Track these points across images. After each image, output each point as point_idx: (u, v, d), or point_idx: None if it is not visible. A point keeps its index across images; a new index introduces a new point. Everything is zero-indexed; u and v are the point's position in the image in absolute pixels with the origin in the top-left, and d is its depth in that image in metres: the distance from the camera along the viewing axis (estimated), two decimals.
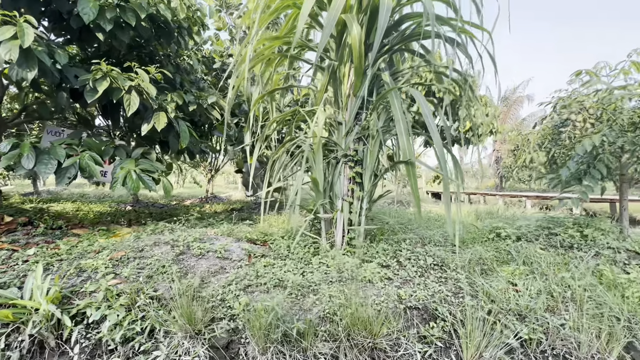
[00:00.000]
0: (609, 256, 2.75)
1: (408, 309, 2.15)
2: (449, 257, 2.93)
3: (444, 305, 2.16)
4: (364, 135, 3.35)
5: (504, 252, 2.99)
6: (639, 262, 2.66)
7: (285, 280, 2.34)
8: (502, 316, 2.12)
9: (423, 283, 2.43)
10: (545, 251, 2.94)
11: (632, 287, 2.25)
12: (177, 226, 3.49)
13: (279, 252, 3.01)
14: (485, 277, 2.60)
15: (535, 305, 2.19)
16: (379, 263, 2.84)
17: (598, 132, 2.84)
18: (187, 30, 4.40)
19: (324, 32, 2.40)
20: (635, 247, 2.85)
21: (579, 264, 2.62)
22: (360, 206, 3.33)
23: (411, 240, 3.55)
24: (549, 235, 3.22)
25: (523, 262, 2.76)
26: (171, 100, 3.43)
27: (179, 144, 3.61)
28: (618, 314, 2.10)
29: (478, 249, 3.04)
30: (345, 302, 2.08)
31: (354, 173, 3.28)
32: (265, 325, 1.86)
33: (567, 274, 2.44)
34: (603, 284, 2.39)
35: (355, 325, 1.98)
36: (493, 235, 3.47)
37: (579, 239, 3.00)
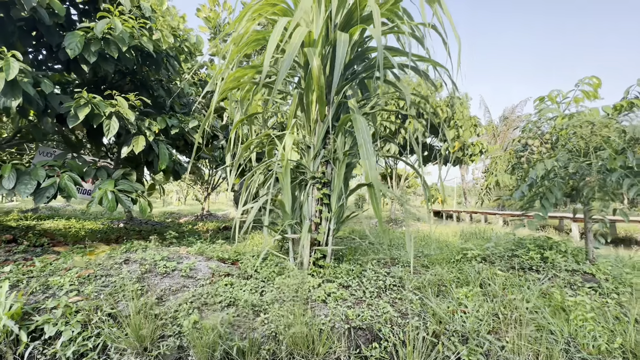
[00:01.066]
0: (565, 279, 2.79)
1: (353, 329, 2.21)
2: (409, 278, 2.99)
3: (388, 326, 2.22)
4: (332, 158, 3.50)
5: (465, 273, 3.04)
6: (593, 285, 2.70)
7: (240, 299, 2.43)
8: (446, 337, 2.18)
9: (375, 304, 2.50)
10: (505, 273, 2.99)
11: (576, 310, 2.29)
12: (152, 244, 3.61)
13: (245, 272, 3.10)
14: (439, 298, 2.66)
15: (479, 327, 2.24)
16: (341, 283, 2.91)
17: (553, 157, 2.95)
18: (175, 59, 4.68)
19: (282, 65, 2.59)
20: (592, 270, 2.89)
21: (531, 286, 2.67)
22: (328, 227, 3.44)
23: (380, 260, 3.62)
24: (511, 256, 3.27)
25: (480, 284, 2.81)
26: (149, 124, 3.64)
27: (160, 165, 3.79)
28: (558, 336, 2.14)
29: (439, 270, 3.10)
30: (292, 321, 2.16)
31: (321, 194, 3.41)
32: (208, 343, 1.94)
33: (518, 296, 2.50)
34: (551, 306, 2.43)
35: (298, 344, 2.05)
36: (460, 256, 3.53)
37: (539, 261, 3.05)
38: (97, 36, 3.16)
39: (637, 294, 2.57)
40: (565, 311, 2.37)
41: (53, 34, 3.34)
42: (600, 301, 2.53)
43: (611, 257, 4.04)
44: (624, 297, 2.55)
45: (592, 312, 2.27)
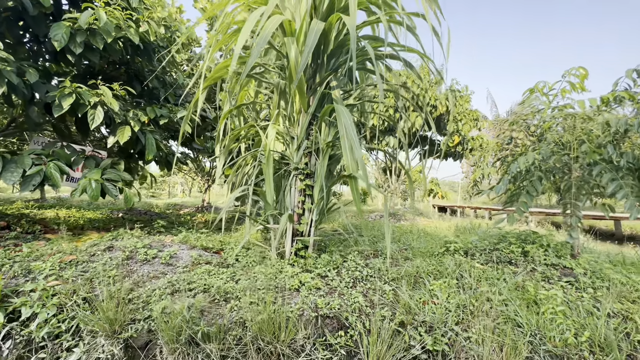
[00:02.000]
0: (542, 272, 2.77)
1: (321, 317, 2.23)
2: (387, 269, 2.99)
3: (356, 315, 2.24)
4: (315, 150, 3.50)
5: (445, 266, 3.03)
6: (570, 279, 2.67)
7: (213, 287, 2.47)
8: (412, 327, 2.19)
9: (348, 293, 2.52)
10: (483, 266, 2.98)
11: (548, 304, 2.28)
12: (137, 233, 3.68)
13: (225, 260, 3.15)
14: (414, 289, 2.66)
15: (447, 318, 2.24)
16: (319, 273, 2.93)
17: (537, 150, 2.90)
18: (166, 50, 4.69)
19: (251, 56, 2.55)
20: (572, 264, 2.85)
21: (507, 279, 2.65)
22: (310, 218, 3.45)
23: (362, 252, 3.63)
24: (492, 250, 3.25)
25: (457, 276, 2.80)
26: (134, 114, 3.67)
27: (147, 156, 3.83)
28: (526, 329, 2.14)
29: (419, 262, 3.10)
30: (261, 309, 2.19)
31: (304, 185, 3.42)
32: (174, 327, 1.99)
33: (491, 289, 2.49)
34: (524, 299, 2.42)
35: (264, 331, 2.08)
36: (443, 249, 3.52)
37: (519, 255, 3.03)
38: (82, 27, 3.18)
39: (613, 289, 2.54)
40: (538, 304, 2.35)
41: (39, 24, 3.38)
42: (575, 295, 2.51)
43: (599, 253, 3.99)
44: (600, 291, 2.52)
45: (563, 306, 2.25)
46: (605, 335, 2.09)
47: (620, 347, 2.07)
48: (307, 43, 2.53)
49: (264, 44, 2.59)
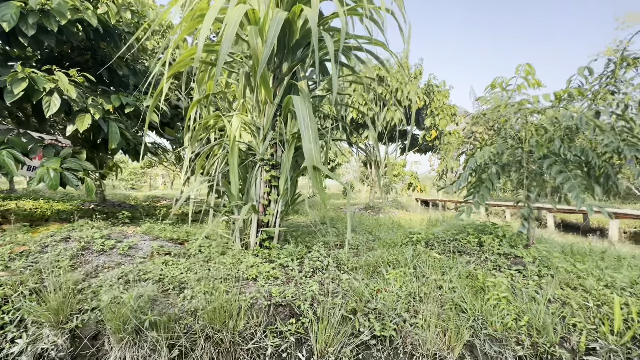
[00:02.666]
0: (494, 261, 2.88)
1: (274, 306, 2.26)
2: (349, 259, 3.05)
3: (308, 303, 2.28)
4: (281, 141, 3.49)
5: (405, 255, 3.11)
6: (519, 267, 2.79)
7: (167, 277, 2.45)
8: (363, 314, 2.25)
9: (305, 282, 2.55)
10: (440, 255, 3.07)
11: (493, 290, 2.38)
12: (99, 223, 3.60)
13: (189, 251, 3.13)
14: (372, 278, 2.73)
15: (397, 305, 2.31)
16: (280, 263, 2.95)
17: (493, 145, 2.99)
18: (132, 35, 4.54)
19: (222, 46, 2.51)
20: (523, 254, 2.98)
21: (460, 268, 2.75)
22: (276, 209, 3.46)
23: (329, 243, 3.67)
24: (452, 240, 3.35)
25: (415, 265, 2.88)
26: (94, 101, 3.56)
27: (109, 145, 3.73)
28: (470, 314, 2.23)
29: (381, 252, 3.16)
30: (214, 298, 2.20)
31: (269, 176, 3.42)
32: (121, 317, 1.97)
33: (444, 277, 2.58)
34: (474, 287, 2.51)
35: (215, 319, 2.09)
36: (407, 240, 3.60)
37: (475, 245, 3.14)
38: (33, 8, 3.04)
39: (558, 277, 2.68)
40: (485, 291, 2.46)
41: None
42: (522, 282, 2.63)
43: (555, 243, 4.18)
44: (545, 279, 2.65)
45: (507, 292, 2.36)
46: (543, 319, 2.21)
47: (555, 329, 2.19)
48: (270, 32, 2.50)
49: (233, 33, 2.55)
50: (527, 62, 2.80)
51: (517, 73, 2.89)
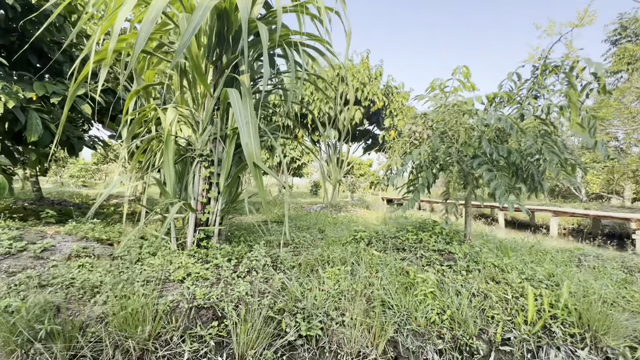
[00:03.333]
0: (428, 258, 2.96)
1: (196, 309, 2.15)
2: (288, 258, 2.99)
3: (234, 304, 2.19)
4: (222, 136, 3.36)
5: (345, 253, 3.11)
6: (451, 263, 2.89)
7: (80, 281, 2.25)
8: (291, 314, 2.19)
9: (235, 283, 2.45)
10: (379, 253, 3.11)
11: (421, 286, 2.43)
12: (10, 223, 3.24)
13: (115, 253, 2.90)
14: (308, 276, 2.69)
15: (327, 303, 2.29)
16: (216, 264, 2.83)
17: (428, 144, 3.07)
18: (66, 19, 4.15)
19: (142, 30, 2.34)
20: (456, 250, 3.10)
21: (396, 264, 2.79)
22: (216, 207, 3.32)
23: (273, 242, 3.59)
24: (393, 238, 3.41)
25: (354, 262, 2.89)
26: (4, 87, 3.19)
27: (28, 137, 3.37)
28: (396, 310, 2.26)
29: (320, 250, 3.14)
30: (131, 302, 2.04)
31: (209, 173, 3.27)
32: (12, 327, 1.76)
33: (377, 274, 2.60)
34: (405, 283, 2.56)
35: (128, 325, 1.93)
36: (351, 238, 3.61)
37: (413, 242, 3.21)
38: None
39: (485, 271, 2.81)
40: (414, 287, 2.51)
41: None
42: (452, 277, 2.72)
43: (493, 239, 4.41)
44: (473, 274, 2.76)
45: (433, 288, 2.42)
46: (465, 313, 2.29)
47: (475, 322, 2.28)
48: (194, 19, 2.36)
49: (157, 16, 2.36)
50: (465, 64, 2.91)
51: (454, 75, 2.99)
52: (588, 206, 14.85)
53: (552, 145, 2.77)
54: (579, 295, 2.52)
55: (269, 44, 3.53)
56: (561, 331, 2.27)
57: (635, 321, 2.36)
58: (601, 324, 2.24)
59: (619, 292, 2.70)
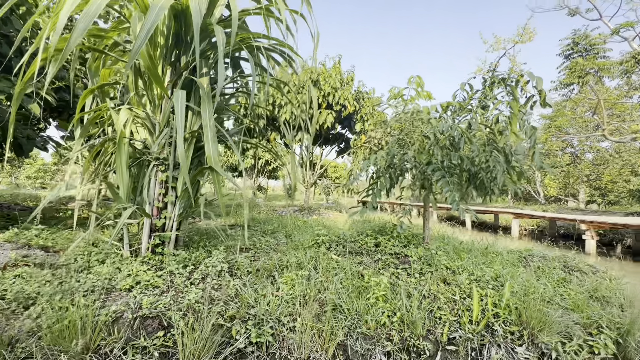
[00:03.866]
0: (385, 261, 3.04)
1: (141, 318, 2.07)
2: (246, 263, 2.96)
3: (182, 313, 2.14)
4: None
5: (305, 257, 3.12)
6: (406, 266, 2.98)
7: (11, 292, 2.10)
8: (241, 321, 2.17)
9: (187, 291, 2.40)
10: (337, 256, 3.15)
11: (374, 289, 2.49)
12: None
13: (60, 261, 2.74)
14: (265, 282, 2.67)
15: (279, 309, 2.29)
16: (171, 271, 2.75)
17: (385, 150, 3.15)
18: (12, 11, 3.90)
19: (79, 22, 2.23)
20: (411, 253, 3.20)
21: (353, 268, 2.84)
22: (174, 212, 3.23)
23: (234, 247, 3.54)
24: (353, 242, 3.47)
25: (311, 268, 2.90)
26: None
27: None
28: (347, 314, 2.30)
29: (279, 255, 3.13)
30: (69, 314, 1.93)
31: (165, 177, 3.18)
32: None
33: (333, 278, 2.63)
34: (360, 286, 2.61)
35: (64, 338, 1.84)
36: (313, 242, 3.63)
37: (371, 246, 3.28)
38: None
39: (437, 273, 2.92)
40: (368, 291, 2.56)
41: None
42: (406, 280, 2.81)
43: (453, 241, 4.60)
44: (425, 276, 2.86)
45: (385, 291, 2.48)
46: (414, 314, 2.37)
47: (424, 323, 2.36)
48: (148, 19, 2.29)
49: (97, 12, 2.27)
50: (418, 74, 3.03)
51: (409, 84, 3.11)
52: (546, 208, 15.84)
53: (497, 154, 2.94)
54: (521, 294, 2.69)
55: (226, 48, 3.51)
56: (502, 329, 2.40)
57: (568, 317, 2.55)
58: (537, 321, 2.40)
59: (557, 290, 2.90)
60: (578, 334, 2.43)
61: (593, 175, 19.51)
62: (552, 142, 15.76)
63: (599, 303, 2.83)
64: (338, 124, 9.43)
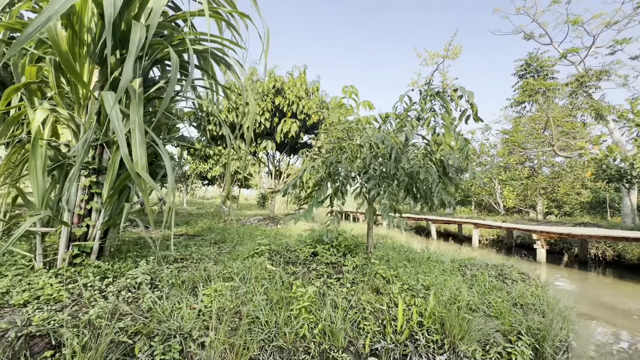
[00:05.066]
0: (319, 271, 2.99)
1: (28, 337, 1.87)
2: (173, 275, 2.80)
3: (78, 329, 1.95)
4: (107, 142, 3.10)
5: (240, 267, 3.00)
6: (340, 276, 2.94)
7: None
8: (147, 338, 2.02)
9: (94, 305, 2.21)
10: (274, 266, 3.06)
11: (299, 300, 2.42)
12: None
13: None
14: (188, 294, 2.52)
15: (193, 324, 2.15)
16: (85, 283, 2.54)
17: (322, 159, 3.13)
18: None
19: None
20: (347, 262, 3.17)
21: (286, 279, 2.76)
22: (97, 220, 3.02)
23: (168, 257, 3.36)
24: (292, 251, 3.40)
25: (241, 278, 2.79)
26: None
27: None
28: (265, 327, 2.21)
29: (211, 265, 3.00)
30: None
31: (89, 182, 2.97)
32: None
33: (261, 289, 2.53)
34: (288, 297, 2.52)
35: None
36: (253, 252, 3.52)
37: (308, 255, 3.23)
38: None
39: (371, 283, 2.90)
40: (293, 302, 2.48)
41: None
42: (338, 290, 2.76)
43: (398, 249, 4.64)
44: (357, 286, 2.83)
45: (309, 302, 2.42)
46: (338, 325, 2.31)
47: (348, 334, 2.31)
48: (47, 10, 2.14)
49: None
50: (352, 84, 3.07)
51: (344, 93, 3.14)
52: (505, 219, 16.58)
53: (431, 164, 3.00)
54: (449, 303, 2.71)
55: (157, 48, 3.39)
56: (425, 339, 2.40)
57: (490, 325, 2.59)
58: (459, 330, 2.42)
59: (484, 298, 2.96)
60: (498, 341, 2.48)
61: (549, 188, 20.77)
62: (509, 157, 16.66)
63: (522, 310, 2.92)
64: (304, 133, 9.43)
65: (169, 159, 2.85)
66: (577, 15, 12.96)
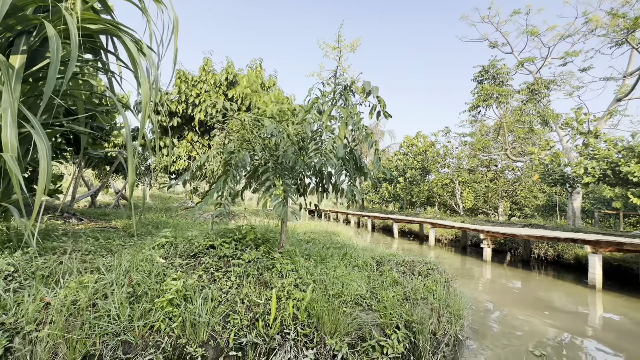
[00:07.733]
0: (215, 264, 2.89)
1: None
2: (48, 266, 2.61)
3: None
4: None
5: (124, 260, 2.84)
6: (229, 269, 2.86)
7: None
8: None
9: None
10: (166, 260, 2.93)
11: (165, 293, 2.31)
12: None
13: None
14: (43, 287, 2.35)
15: (32, 317, 2.00)
16: None
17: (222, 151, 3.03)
18: None
19: None
20: (244, 256, 3.08)
21: (160, 271, 2.64)
22: None
23: (56, 249, 3.14)
24: (193, 244, 3.28)
25: (120, 270, 2.64)
26: None
27: None
28: (117, 321, 2.09)
29: (95, 258, 2.83)
30: None
31: None
32: None
33: (139, 282, 2.40)
34: (159, 290, 2.41)
35: None
36: (157, 244, 3.37)
37: (203, 248, 3.13)
38: None
39: (262, 278, 2.83)
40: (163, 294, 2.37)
41: None
42: (223, 283, 2.68)
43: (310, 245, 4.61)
44: (245, 279, 2.76)
45: (174, 295, 2.31)
46: (202, 319, 2.22)
47: (214, 328, 2.23)
48: None
49: None
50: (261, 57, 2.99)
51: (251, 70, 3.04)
52: (465, 220, 17.15)
53: (332, 157, 2.96)
54: (335, 297, 2.69)
55: None
56: (295, 333, 2.36)
57: (368, 319, 2.59)
58: (331, 324, 2.39)
59: (377, 293, 2.96)
60: (373, 335, 2.47)
61: (511, 190, 21.69)
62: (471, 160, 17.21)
63: (413, 304, 2.95)
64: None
65: (43, 142, 2.66)
66: (533, 27, 13.57)
